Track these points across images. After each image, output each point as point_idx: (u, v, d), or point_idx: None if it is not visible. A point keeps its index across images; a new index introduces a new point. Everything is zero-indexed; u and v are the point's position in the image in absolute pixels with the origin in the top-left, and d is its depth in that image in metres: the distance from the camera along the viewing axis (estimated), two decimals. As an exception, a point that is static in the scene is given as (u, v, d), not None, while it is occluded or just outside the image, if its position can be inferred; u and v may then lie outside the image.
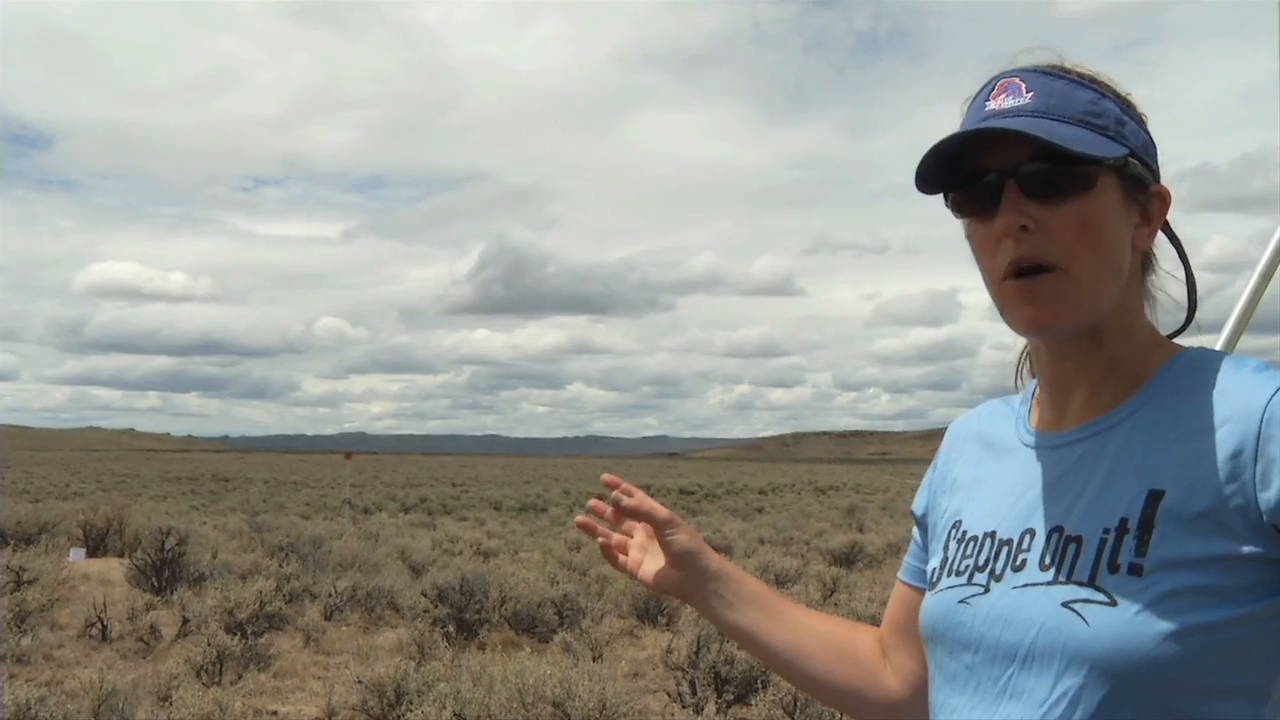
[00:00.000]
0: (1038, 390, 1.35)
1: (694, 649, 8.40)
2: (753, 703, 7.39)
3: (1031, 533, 1.22)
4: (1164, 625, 1.08)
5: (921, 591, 1.41)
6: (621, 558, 1.67)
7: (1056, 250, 1.19)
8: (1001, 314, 1.26)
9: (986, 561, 1.25)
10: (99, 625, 9.96)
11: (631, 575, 1.65)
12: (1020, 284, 1.21)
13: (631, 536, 1.70)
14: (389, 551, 17.41)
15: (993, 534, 1.27)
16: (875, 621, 1.61)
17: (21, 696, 5.45)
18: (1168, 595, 1.09)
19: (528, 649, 9.70)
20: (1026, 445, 1.31)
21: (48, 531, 15.48)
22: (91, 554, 15.59)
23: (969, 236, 1.29)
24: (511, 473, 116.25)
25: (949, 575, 1.30)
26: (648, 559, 1.64)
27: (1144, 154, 1.25)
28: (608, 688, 6.62)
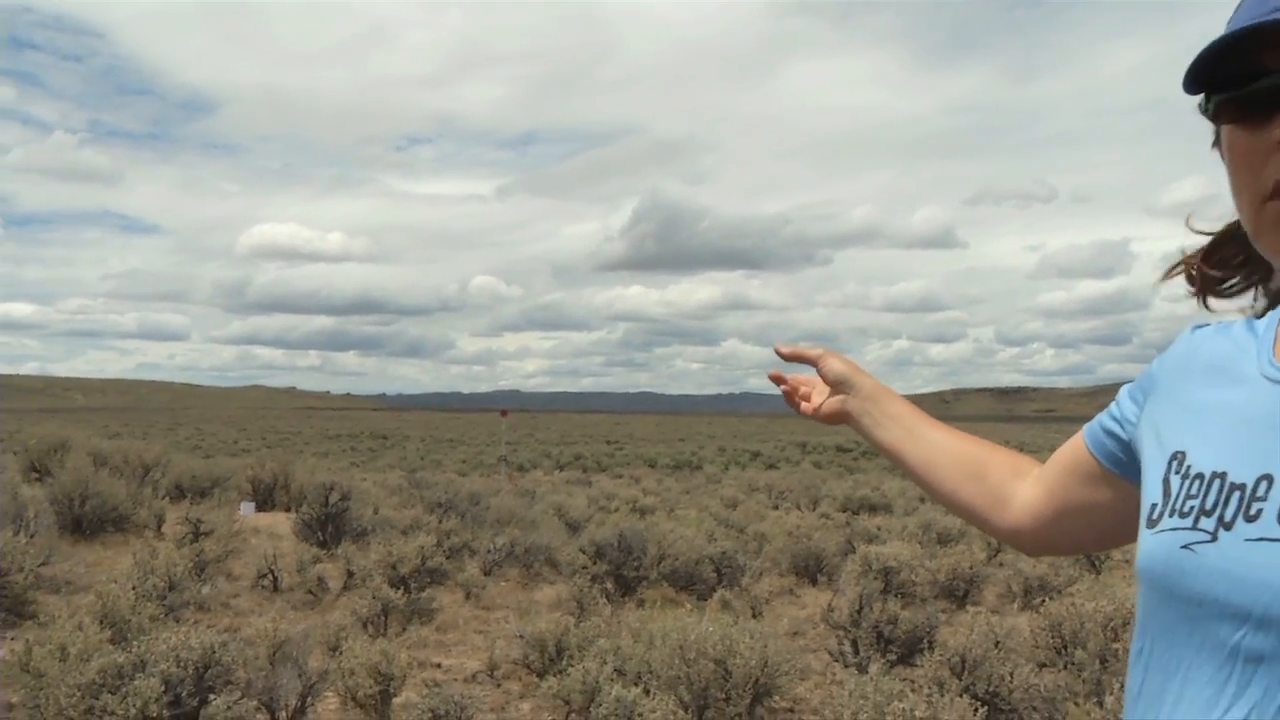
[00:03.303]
0: None
1: (856, 608, 8.37)
2: (918, 663, 7.34)
3: (1269, 479, 1.12)
4: None
5: (1093, 458, 1.46)
6: (804, 404, 1.91)
7: None
8: (1254, 238, 1.18)
9: (1215, 505, 1.16)
10: (270, 577, 10.44)
11: (811, 414, 1.88)
12: None
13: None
14: (545, 508, 17.74)
15: (1222, 475, 1.17)
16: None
17: (207, 641, 5.79)
18: None
19: (687, 606, 9.81)
20: (1269, 378, 1.19)
21: (220, 486, 16.26)
22: (259, 508, 16.30)
23: (1229, 146, 1.19)
24: (666, 430, 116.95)
25: (1171, 515, 1.21)
26: (817, 397, 1.88)
27: None
28: (769, 646, 6.66)
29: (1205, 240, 1.36)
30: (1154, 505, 1.26)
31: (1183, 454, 1.24)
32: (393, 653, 6.69)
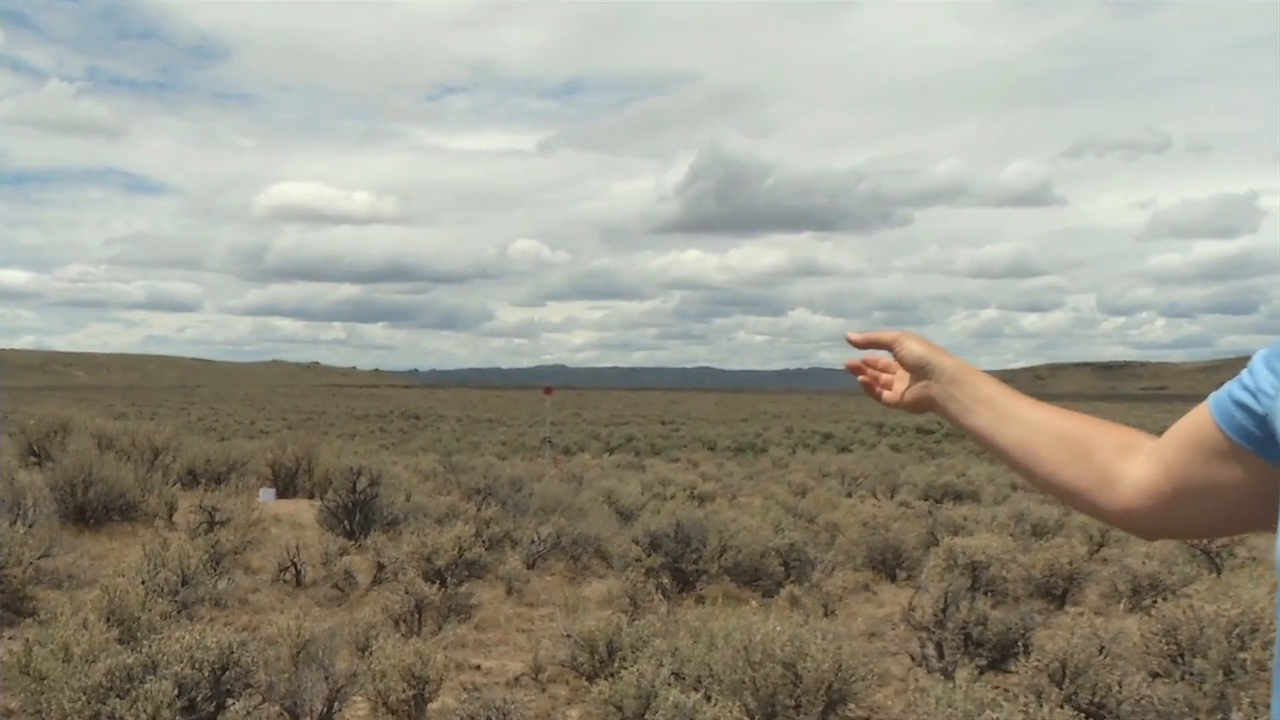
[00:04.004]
0: None
1: (940, 607, 8.32)
2: (1012, 669, 7.27)
3: None
4: None
5: (1220, 432, 1.44)
6: (885, 393, 1.95)
7: None
8: None
9: None
10: (292, 570, 10.54)
11: (894, 404, 1.93)
12: None
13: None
14: (594, 495, 17.79)
15: None
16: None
17: (224, 640, 5.85)
18: None
19: (752, 603, 9.79)
20: None
21: (237, 471, 16.44)
22: (280, 495, 16.48)
23: None
24: (726, 409, 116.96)
25: None
26: (899, 384, 1.91)
27: None
28: (843, 648, 6.62)
29: None
30: None
31: None
32: (427, 653, 6.73)
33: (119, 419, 20.31)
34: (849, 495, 23.09)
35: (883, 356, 1.95)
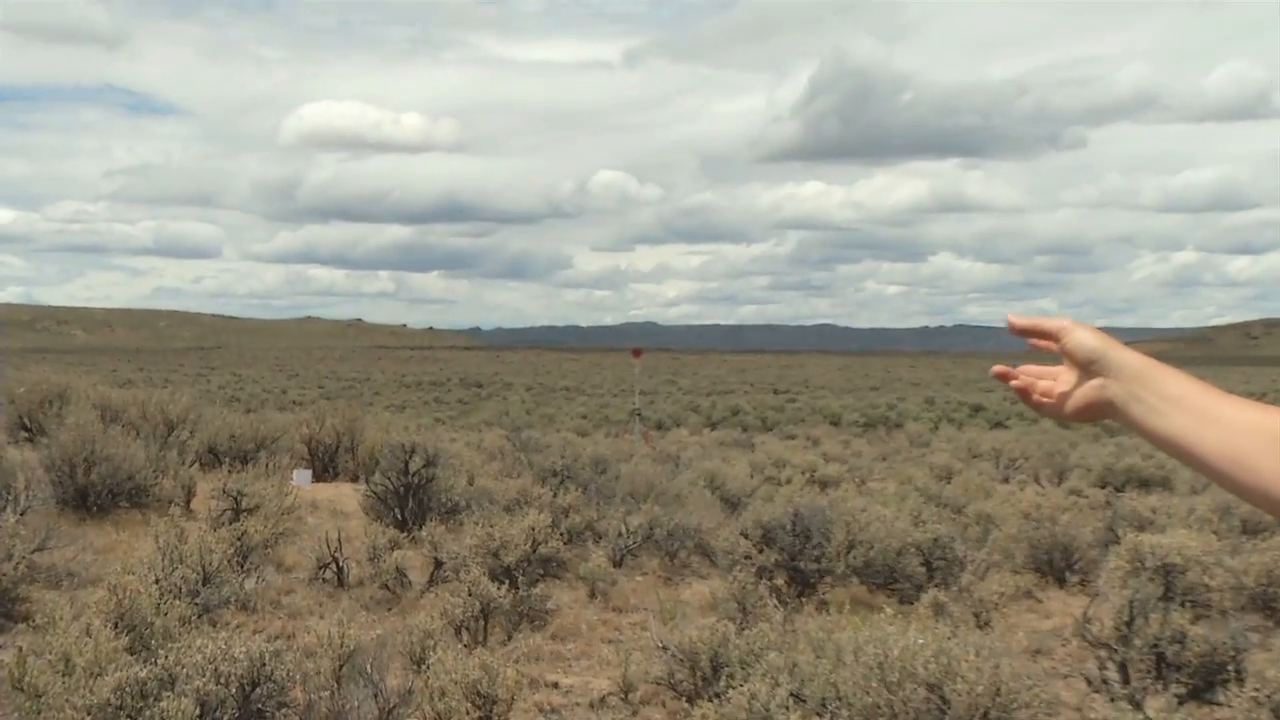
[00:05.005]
0: None
1: (1124, 619, 8.21)
2: (1220, 699, 7.16)
3: None
4: None
5: None
6: (1046, 401, 1.89)
7: None
8: None
9: None
10: (334, 567, 10.66)
11: (1056, 414, 1.88)
12: None
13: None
14: (694, 479, 17.81)
15: None
16: None
17: (254, 650, 5.92)
18: None
19: (887, 611, 9.75)
20: None
21: (266, 448, 16.63)
22: (318, 478, 16.67)
23: None
24: (853, 376, 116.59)
25: None
26: (1063, 385, 1.86)
27: None
28: (1002, 667, 6.56)
29: None
30: None
31: None
32: (495, 667, 6.78)
33: (125, 386, 20.71)
34: (1005, 480, 22.92)
35: (1034, 366, 1.94)
